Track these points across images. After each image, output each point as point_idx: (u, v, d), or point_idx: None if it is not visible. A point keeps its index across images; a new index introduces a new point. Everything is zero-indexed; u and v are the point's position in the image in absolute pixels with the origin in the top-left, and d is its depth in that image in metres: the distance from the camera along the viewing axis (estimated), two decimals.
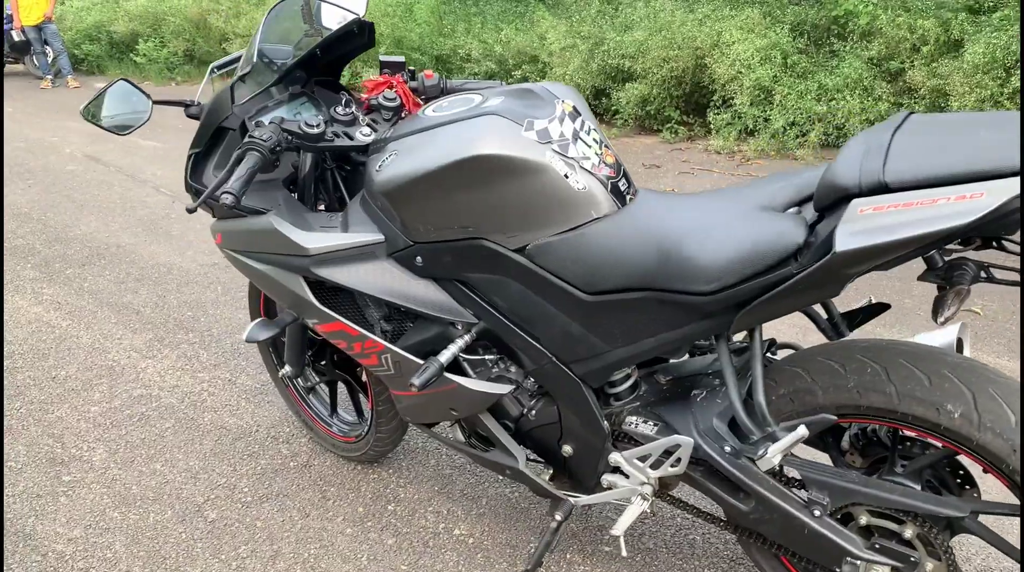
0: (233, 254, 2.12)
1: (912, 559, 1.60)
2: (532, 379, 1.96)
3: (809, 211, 1.52)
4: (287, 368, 2.53)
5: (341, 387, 2.73)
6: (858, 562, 1.63)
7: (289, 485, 2.57)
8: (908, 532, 1.61)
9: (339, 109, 1.98)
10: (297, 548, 2.30)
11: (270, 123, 1.90)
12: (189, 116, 2.15)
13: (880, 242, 1.26)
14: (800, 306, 1.48)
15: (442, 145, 1.69)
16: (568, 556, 2.20)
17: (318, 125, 1.88)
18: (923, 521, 1.59)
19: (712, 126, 6.10)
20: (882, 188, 1.28)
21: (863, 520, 1.65)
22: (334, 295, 2.01)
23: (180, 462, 2.71)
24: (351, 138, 1.95)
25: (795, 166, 5.54)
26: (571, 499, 1.98)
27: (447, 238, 1.76)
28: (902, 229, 1.25)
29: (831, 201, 1.38)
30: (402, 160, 1.73)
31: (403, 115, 2.09)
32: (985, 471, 1.48)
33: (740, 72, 5.90)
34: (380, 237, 1.86)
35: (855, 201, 1.30)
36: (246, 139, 1.81)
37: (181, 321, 3.75)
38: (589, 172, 1.66)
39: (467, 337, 1.88)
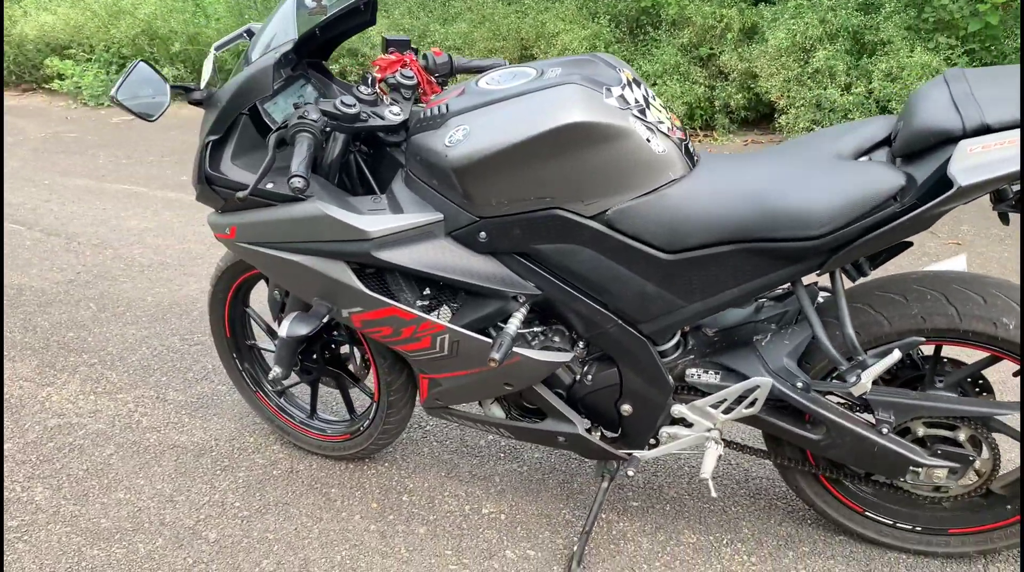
0: (252, 248, 2.00)
1: (970, 457, 1.84)
2: (581, 345, 2.01)
3: (879, 157, 1.70)
4: (277, 370, 2.40)
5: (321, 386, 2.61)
6: (920, 469, 1.85)
7: (284, 493, 2.45)
8: (962, 435, 1.85)
9: (363, 88, 1.93)
10: (326, 553, 2.21)
11: (308, 104, 1.83)
12: (192, 103, 2.00)
13: (996, 175, 1.46)
14: (893, 242, 1.66)
15: (527, 116, 1.71)
16: (604, 516, 2.27)
17: (353, 105, 1.84)
18: (972, 423, 1.83)
19: None
20: (984, 130, 1.48)
21: (920, 432, 1.87)
22: (375, 281, 1.96)
23: (145, 488, 2.50)
24: (382, 118, 1.90)
25: None
26: (636, 455, 2.06)
27: (520, 210, 1.78)
28: (1010, 163, 1.45)
29: (927, 145, 1.56)
30: (481, 134, 1.73)
31: (420, 93, 2.07)
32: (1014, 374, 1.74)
33: None
34: (439, 216, 1.84)
35: (963, 142, 1.49)
36: (296, 121, 1.74)
37: (65, 343, 3.40)
38: (666, 135, 1.76)
39: (525, 309, 1.90)
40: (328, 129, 1.82)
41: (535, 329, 1.99)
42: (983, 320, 1.71)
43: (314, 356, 2.44)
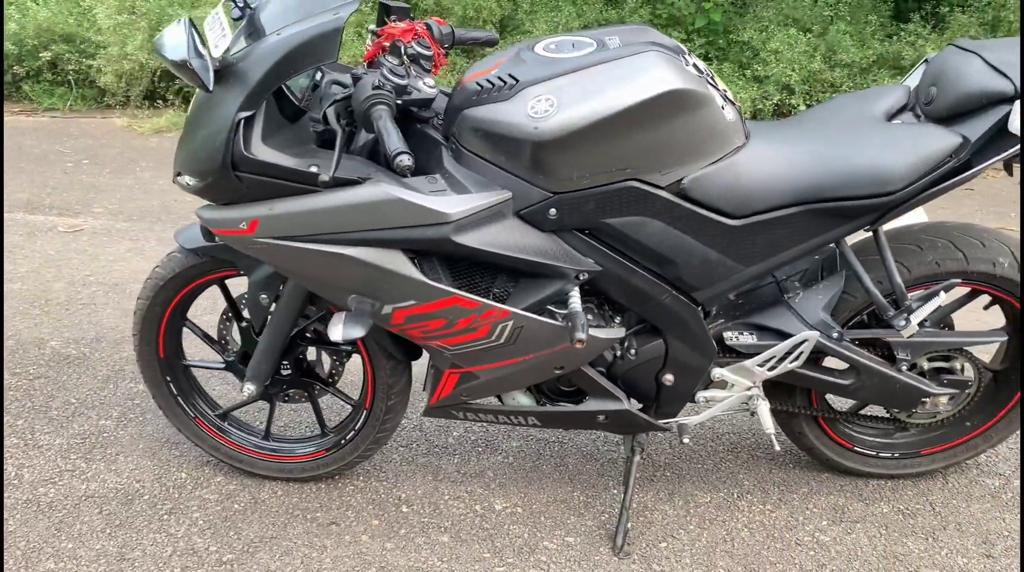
0: (279, 243, 1.74)
1: (968, 382, 2.11)
2: (619, 320, 2.00)
3: (908, 119, 1.89)
4: (251, 388, 2.11)
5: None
6: (927, 398, 2.09)
7: (263, 527, 2.16)
8: (958, 364, 2.11)
9: (391, 59, 1.77)
10: None
11: (366, 74, 1.65)
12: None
13: None
14: (946, 193, 1.85)
15: (622, 84, 1.67)
16: (613, 492, 2.28)
17: (402, 76, 1.69)
18: (964, 353, 2.10)
19: None
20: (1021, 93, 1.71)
21: (926, 366, 2.11)
22: (432, 270, 1.80)
23: (80, 551, 2.07)
24: (419, 90, 1.76)
25: None
26: (686, 423, 2.09)
27: (598, 184, 1.74)
28: None
29: (975, 107, 1.77)
30: (574, 104, 1.66)
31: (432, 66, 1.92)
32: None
33: None
34: (508, 194, 1.74)
35: (1019, 102, 1.71)
36: (372, 94, 1.56)
37: None
38: (732, 103, 1.81)
39: (578, 287, 1.86)
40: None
41: (587, 305, 1.94)
42: (985, 261, 1.97)
43: (282, 366, 2.17)
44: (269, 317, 2.05)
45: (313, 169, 1.68)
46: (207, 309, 2.87)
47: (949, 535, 2.14)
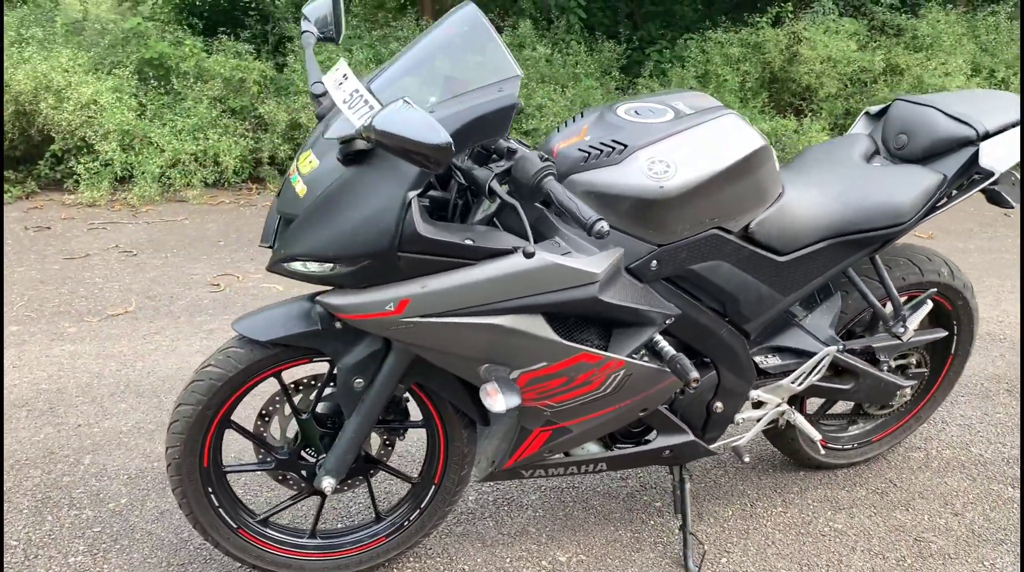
0: (428, 321, 1.71)
1: (925, 373, 2.55)
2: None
3: (879, 162, 2.29)
4: (330, 481, 1.97)
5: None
6: (900, 391, 2.49)
7: None
8: (914, 358, 2.55)
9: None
10: None
11: (521, 147, 1.71)
12: (319, 117, 1.80)
13: (1015, 161, 2.16)
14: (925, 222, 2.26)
15: (722, 144, 1.89)
16: (650, 519, 2.43)
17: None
18: (916, 349, 2.54)
19: (78, 178, 5.47)
20: (987, 135, 2.18)
21: (893, 364, 2.51)
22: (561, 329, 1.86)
23: None
24: None
25: (188, 207, 5.50)
26: (739, 444, 2.30)
27: (691, 234, 1.93)
28: (1018, 151, 2.17)
29: (945, 149, 2.20)
30: (689, 164, 1.84)
31: None
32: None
33: (92, 116, 5.45)
34: (621, 250, 1.86)
35: (983, 144, 2.16)
36: (543, 166, 1.63)
37: None
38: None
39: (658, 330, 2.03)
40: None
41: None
42: (933, 272, 2.43)
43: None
44: (360, 403, 1.94)
45: (468, 242, 1.67)
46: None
47: (920, 503, 2.56)
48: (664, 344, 1.97)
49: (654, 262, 1.90)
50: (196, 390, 1.89)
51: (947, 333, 2.58)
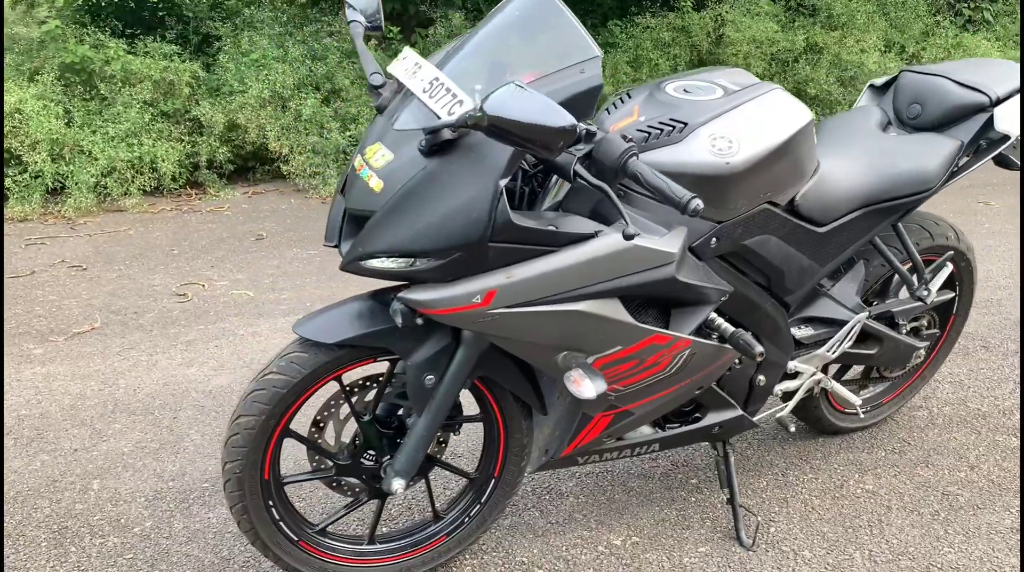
0: (515, 311, 1.67)
1: (936, 333, 2.64)
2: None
3: (894, 132, 2.35)
4: (399, 483, 1.92)
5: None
6: (916, 353, 2.57)
7: None
8: (925, 320, 2.64)
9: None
10: None
11: (599, 129, 1.69)
12: (379, 109, 1.77)
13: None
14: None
15: (777, 118, 1.91)
16: (690, 496, 2.46)
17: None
18: (927, 311, 2.63)
19: (8, 192, 5.17)
20: (999, 100, 2.27)
21: (908, 326, 2.60)
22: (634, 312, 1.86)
23: None
24: None
25: (128, 217, 5.28)
26: (783, 415, 2.33)
27: (747, 210, 1.96)
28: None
29: (963, 115, 2.28)
30: (751, 140, 1.85)
31: None
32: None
33: (17, 126, 5.16)
34: (685, 229, 1.87)
35: (996, 109, 2.25)
36: (627, 147, 1.61)
37: None
38: None
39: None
40: None
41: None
42: (942, 236, 2.52)
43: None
44: (430, 400, 1.89)
45: (550, 227, 1.64)
46: None
47: (937, 459, 2.66)
48: (721, 321, 1.99)
49: (714, 239, 1.91)
50: (258, 400, 1.81)
51: (953, 294, 2.69)
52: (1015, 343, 3.47)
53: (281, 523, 1.96)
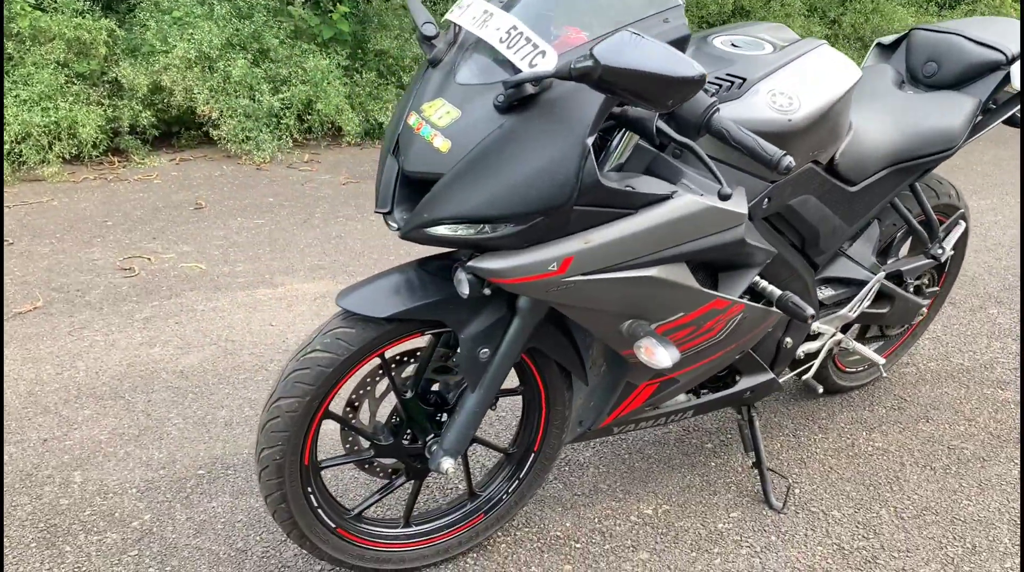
0: (590, 278, 1.58)
1: (937, 290, 2.68)
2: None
3: (912, 89, 2.35)
4: (449, 462, 1.81)
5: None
6: (920, 310, 2.61)
7: None
8: (926, 278, 2.67)
9: None
10: None
11: None
12: (432, 63, 1.62)
13: None
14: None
15: (832, 75, 1.86)
16: (721, 460, 2.44)
17: None
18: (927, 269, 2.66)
19: None
20: (1016, 58, 2.29)
21: (915, 285, 2.62)
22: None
23: None
24: None
25: (48, 187, 4.91)
26: (808, 377, 2.32)
27: (796, 168, 1.91)
28: None
29: (976, 74, 2.29)
30: (810, 96, 1.80)
31: None
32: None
33: None
34: (742, 189, 1.82)
35: (1013, 66, 2.27)
36: (711, 103, 1.54)
37: None
38: None
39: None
40: None
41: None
42: (945, 195, 2.54)
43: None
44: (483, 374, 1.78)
45: (627, 187, 1.55)
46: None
47: (935, 414, 2.71)
48: (766, 284, 1.95)
49: (767, 200, 1.86)
50: (301, 380, 1.67)
51: (952, 252, 2.72)
52: (978, 299, 3.58)
53: (319, 510, 1.83)
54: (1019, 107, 2.35)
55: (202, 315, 3.33)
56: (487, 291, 1.64)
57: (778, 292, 1.93)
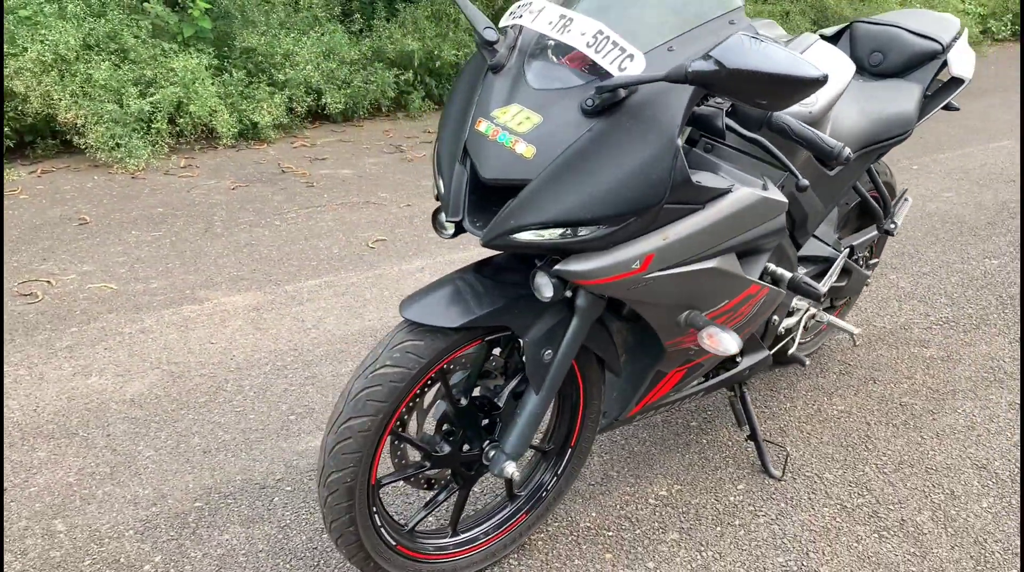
0: (666, 273, 1.63)
1: (877, 262, 2.91)
2: None
3: (863, 77, 2.55)
4: (512, 466, 1.80)
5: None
6: (867, 280, 2.82)
7: None
8: (868, 251, 2.89)
9: None
10: None
11: None
12: (494, 68, 1.61)
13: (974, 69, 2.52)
14: None
15: (835, 68, 2.00)
16: (715, 433, 2.55)
17: None
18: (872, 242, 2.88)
19: None
20: (948, 47, 2.52)
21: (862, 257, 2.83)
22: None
23: None
24: None
25: None
26: (795, 352, 2.46)
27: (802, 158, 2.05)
28: (972, 62, 2.53)
29: (921, 61, 2.50)
30: (824, 89, 1.92)
31: None
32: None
33: None
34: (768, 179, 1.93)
35: (949, 55, 2.50)
36: None
37: None
38: None
39: None
40: None
41: None
42: (884, 174, 2.76)
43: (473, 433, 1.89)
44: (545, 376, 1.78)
45: (700, 181, 1.60)
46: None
47: (880, 374, 2.95)
48: (774, 267, 2.06)
49: (782, 188, 1.96)
50: (373, 398, 1.62)
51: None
52: (878, 267, 3.89)
53: (382, 529, 1.78)
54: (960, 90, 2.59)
55: (132, 338, 3.12)
56: (568, 293, 1.65)
57: (788, 274, 2.04)
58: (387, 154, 5.62)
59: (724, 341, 1.73)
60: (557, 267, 1.57)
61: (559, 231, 1.52)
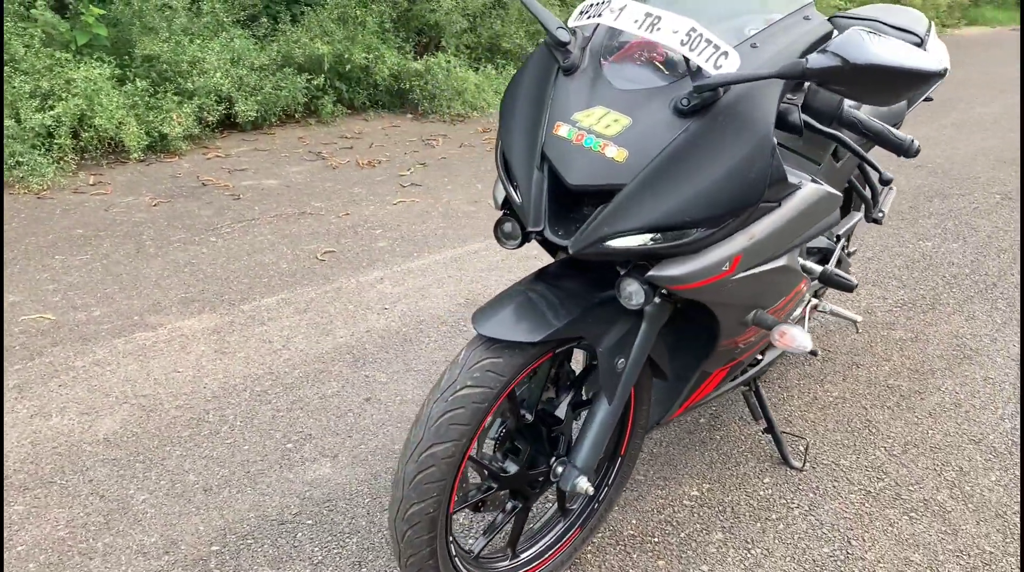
0: (751, 273, 1.61)
1: (856, 249, 2.97)
2: None
3: None
4: (584, 481, 1.73)
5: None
6: (849, 268, 2.89)
7: None
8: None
9: None
10: None
11: None
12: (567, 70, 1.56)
13: (948, 62, 2.61)
14: None
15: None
16: (732, 429, 2.56)
17: None
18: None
19: None
20: (923, 41, 2.60)
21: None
22: None
23: None
24: None
25: None
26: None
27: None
28: (946, 55, 2.63)
29: None
30: None
31: None
32: None
33: None
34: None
35: (926, 47, 2.58)
36: None
37: None
38: None
39: None
40: None
41: None
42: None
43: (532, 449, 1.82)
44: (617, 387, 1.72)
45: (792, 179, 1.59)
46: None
47: (861, 359, 3.03)
48: (803, 261, 2.07)
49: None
50: (457, 421, 1.52)
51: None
52: None
53: (457, 559, 1.69)
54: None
55: (87, 372, 2.87)
56: (657, 300, 1.60)
57: (819, 268, 2.05)
58: (308, 161, 5.42)
59: (798, 338, 1.72)
60: (651, 273, 1.51)
61: (650, 236, 1.47)
